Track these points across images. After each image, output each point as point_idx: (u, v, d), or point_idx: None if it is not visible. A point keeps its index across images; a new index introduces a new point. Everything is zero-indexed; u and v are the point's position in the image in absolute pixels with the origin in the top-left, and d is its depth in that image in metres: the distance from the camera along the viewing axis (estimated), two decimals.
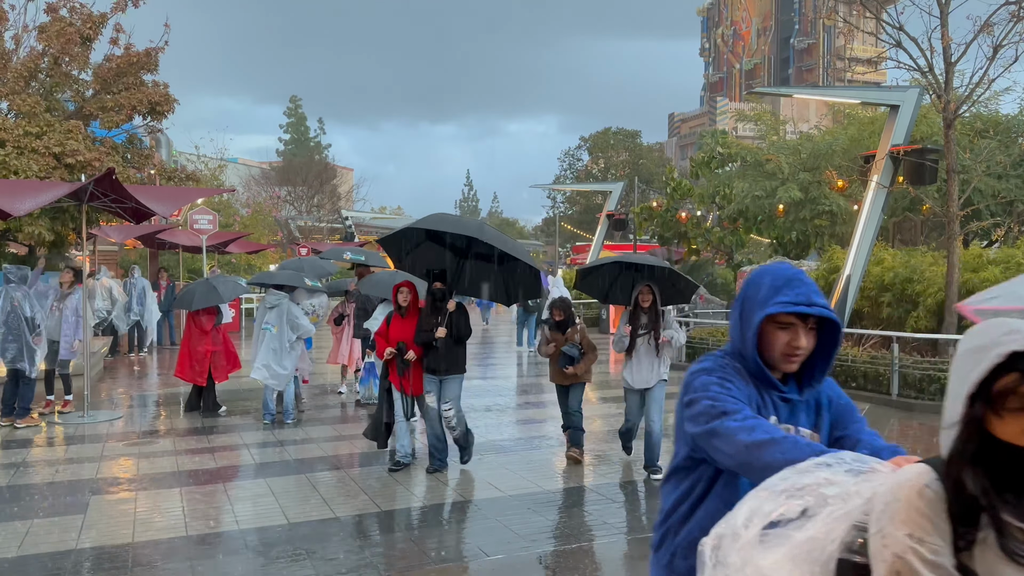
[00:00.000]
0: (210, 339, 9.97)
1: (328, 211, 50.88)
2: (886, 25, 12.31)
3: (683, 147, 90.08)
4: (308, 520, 5.87)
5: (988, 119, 21.48)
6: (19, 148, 14.93)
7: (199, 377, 9.93)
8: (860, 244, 13.70)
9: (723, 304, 22.75)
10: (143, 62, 18.31)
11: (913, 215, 22.39)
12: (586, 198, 69.79)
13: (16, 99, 16.40)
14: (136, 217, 11.07)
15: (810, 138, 26.13)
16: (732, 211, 27.01)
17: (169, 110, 18.46)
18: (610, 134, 75.17)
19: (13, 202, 9.37)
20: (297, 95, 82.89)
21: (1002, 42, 11.48)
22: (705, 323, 17.46)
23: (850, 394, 12.01)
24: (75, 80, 18.39)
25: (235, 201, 42.75)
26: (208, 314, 9.98)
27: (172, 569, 4.93)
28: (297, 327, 9.44)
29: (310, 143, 78.88)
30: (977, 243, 21.39)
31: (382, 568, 4.97)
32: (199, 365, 9.89)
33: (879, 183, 13.63)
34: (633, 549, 5.35)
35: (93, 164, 15.28)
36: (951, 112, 11.94)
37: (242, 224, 36.79)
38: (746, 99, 69.15)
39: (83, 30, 17.69)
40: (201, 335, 9.90)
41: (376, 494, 6.58)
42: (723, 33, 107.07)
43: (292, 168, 56.15)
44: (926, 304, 12.57)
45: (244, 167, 56.37)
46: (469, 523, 5.88)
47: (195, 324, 9.93)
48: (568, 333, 7.75)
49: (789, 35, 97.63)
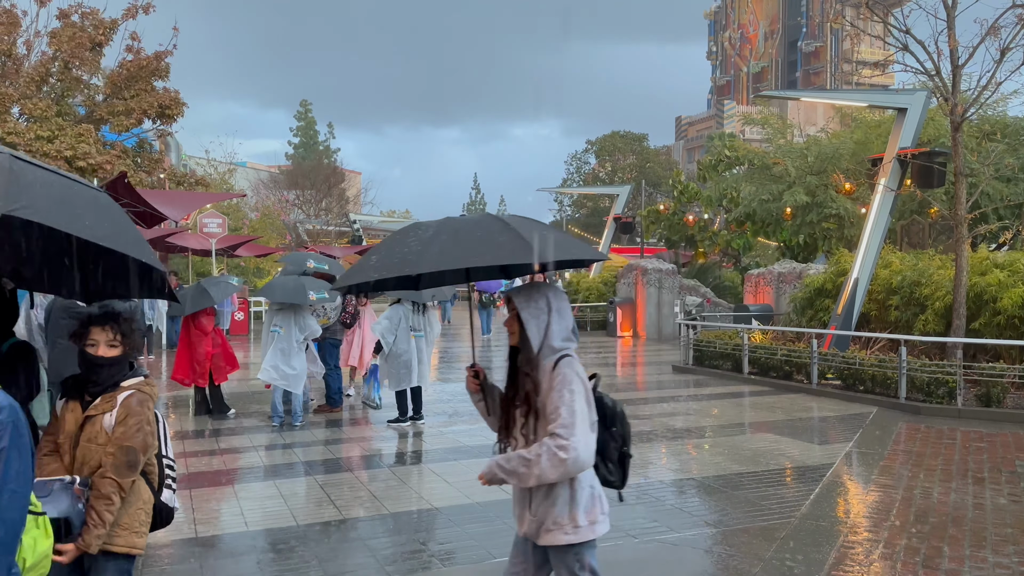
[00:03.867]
0: (210, 341, 10.01)
1: (336, 215, 51.03)
2: (893, 28, 12.29)
3: (690, 150, 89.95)
4: (317, 522, 5.91)
5: (996, 122, 21.40)
6: (30, 152, 15.06)
7: (200, 378, 9.99)
8: (868, 247, 13.68)
9: (730, 307, 22.74)
10: (153, 67, 18.46)
11: (921, 218, 22.33)
12: (593, 201, 69.84)
13: (28, 103, 16.55)
14: (147, 221, 11.16)
15: (817, 141, 26.08)
16: (739, 214, 26.97)
17: (179, 113, 18.61)
18: (617, 137, 75.20)
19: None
20: (307, 100, 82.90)
21: (1009, 45, 11.46)
22: (711, 326, 17.45)
23: (858, 397, 12.01)
24: (86, 85, 18.54)
25: (244, 205, 42.96)
26: (207, 315, 10.01)
27: (181, 570, 4.97)
28: (304, 327, 9.50)
29: (319, 147, 79.19)
30: (985, 246, 21.31)
31: (389, 570, 5.00)
32: (200, 367, 9.94)
33: (886, 186, 13.62)
34: (640, 551, 5.37)
35: (104, 168, 15.41)
36: (958, 115, 11.92)
37: (251, 227, 36.96)
38: (753, 102, 69.05)
39: (94, 36, 17.84)
40: (201, 337, 9.95)
41: (384, 496, 6.61)
42: (730, 36, 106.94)
43: (301, 172, 56.35)
44: (934, 307, 12.54)
45: (252, 171, 56.59)
46: (475, 525, 5.90)
47: (195, 326, 9.98)
48: None
49: (796, 38, 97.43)
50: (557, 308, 2.96)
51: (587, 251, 3.32)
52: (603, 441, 3.04)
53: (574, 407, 2.80)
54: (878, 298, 14.01)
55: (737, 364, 14.19)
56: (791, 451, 8.34)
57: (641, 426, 9.70)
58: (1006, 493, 6.68)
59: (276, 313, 9.51)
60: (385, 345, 9.32)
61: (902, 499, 6.50)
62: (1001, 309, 11.62)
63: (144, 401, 2.96)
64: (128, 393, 2.94)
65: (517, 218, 3.05)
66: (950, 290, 12.17)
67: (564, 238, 3.16)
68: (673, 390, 13.05)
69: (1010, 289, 11.71)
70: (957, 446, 8.56)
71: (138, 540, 2.94)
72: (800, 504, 6.36)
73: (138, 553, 2.96)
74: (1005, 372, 10.53)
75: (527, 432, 2.97)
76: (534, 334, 2.91)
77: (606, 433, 3.07)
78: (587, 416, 2.85)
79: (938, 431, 9.37)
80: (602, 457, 3.06)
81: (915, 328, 12.67)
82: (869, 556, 5.19)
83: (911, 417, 10.23)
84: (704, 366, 15.03)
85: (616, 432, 3.10)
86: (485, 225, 3.00)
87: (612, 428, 3.09)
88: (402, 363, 9.38)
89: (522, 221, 3.03)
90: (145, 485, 3.00)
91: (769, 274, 20.87)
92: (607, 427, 3.08)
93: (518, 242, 2.85)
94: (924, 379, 10.77)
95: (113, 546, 2.85)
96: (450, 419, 10.18)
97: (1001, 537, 5.56)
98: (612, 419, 3.09)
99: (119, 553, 2.88)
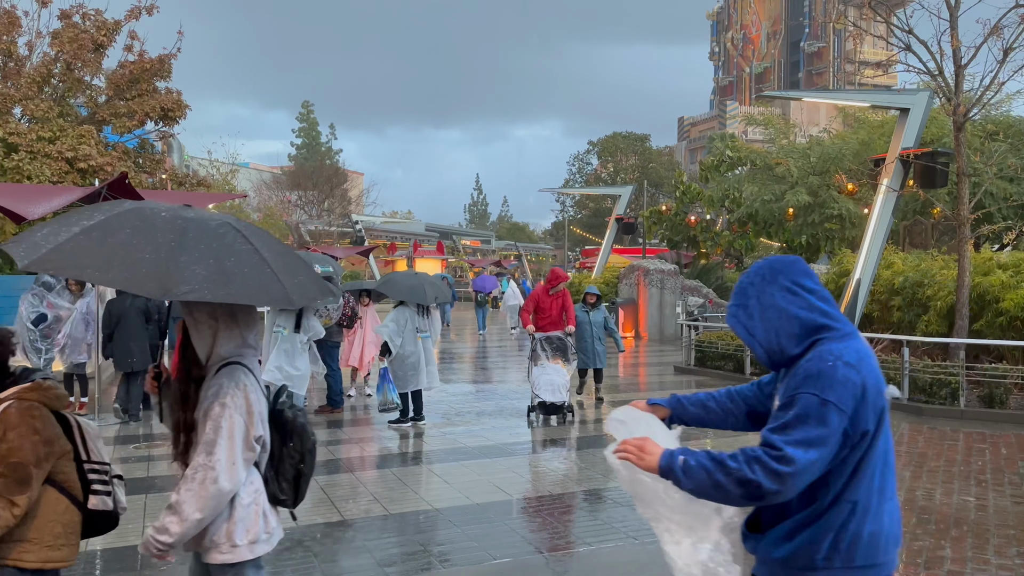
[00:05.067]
0: None
1: (339, 215, 51.04)
2: (896, 29, 12.27)
3: (692, 151, 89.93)
4: (316, 523, 5.90)
5: (999, 122, 21.38)
6: (32, 153, 15.08)
7: None
8: (870, 248, 13.65)
9: None
10: (156, 69, 18.47)
11: (924, 218, 22.30)
12: (595, 202, 69.84)
13: (30, 104, 16.57)
14: None
15: (820, 142, 26.07)
16: (741, 215, 26.96)
17: (181, 115, 18.62)
18: (619, 138, 75.20)
19: (26, 206, 9.46)
20: (309, 101, 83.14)
21: (1012, 45, 11.43)
22: (714, 327, 17.42)
23: None
24: (88, 86, 18.55)
25: (246, 205, 42.99)
26: None
27: (181, 570, 4.96)
28: (307, 328, 9.49)
29: (321, 148, 79.30)
30: (988, 246, 21.27)
31: (389, 571, 4.99)
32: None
33: (889, 187, 13.59)
34: (642, 554, 5.34)
35: (105, 168, 15.41)
36: (961, 115, 11.89)
37: None
38: (756, 103, 68.99)
39: (96, 37, 17.85)
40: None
41: (384, 497, 6.60)
42: (732, 37, 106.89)
43: (303, 173, 56.37)
44: (937, 308, 12.50)
45: (255, 172, 56.64)
46: (476, 526, 5.89)
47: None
48: None
49: (799, 39, 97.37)
50: (230, 313, 2.72)
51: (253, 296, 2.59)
52: (279, 457, 2.85)
53: (220, 424, 2.60)
54: (880, 299, 13.97)
55: (739, 365, 14.16)
56: None
57: None
58: (1009, 494, 6.65)
59: (279, 314, 9.51)
60: (393, 347, 9.31)
61: (904, 500, 6.47)
62: (1004, 310, 11.59)
63: (28, 409, 2.71)
64: (6, 405, 2.70)
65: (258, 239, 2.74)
66: (953, 291, 12.13)
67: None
68: (675, 391, 12.99)
69: (1013, 290, 11.67)
70: (960, 447, 8.54)
71: (55, 554, 2.77)
72: None
73: (59, 567, 2.80)
74: (1008, 373, 10.50)
75: (189, 447, 2.74)
76: (199, 342, 2.72)
77: (284, 448, 2.86)
78: (239, 434, 2.63)
79: (941, 432, 9.34)
80: (276, 474, 2.86)
81: (918, 329, 12.63)
82: None
83: (914, 418, 10.20)
84: (706, 367, 15.00)
85: (294, 448, 2.88)
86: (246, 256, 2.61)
87: (290, 443, 2.88)
88: (409, 364, 9.38)
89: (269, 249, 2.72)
90: (58, 495, 2.79)
91: None
92: (284, 442, 2.87)
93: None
94: (927, 380, 10.74)
95: (22, 562, 2.70)
96: (451, 420, 10.17)
97: (1004, 539, 5.54)
98: (291, 434, 2.87)
99: (30, 569, 2.71)
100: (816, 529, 2.12)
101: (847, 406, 2.05)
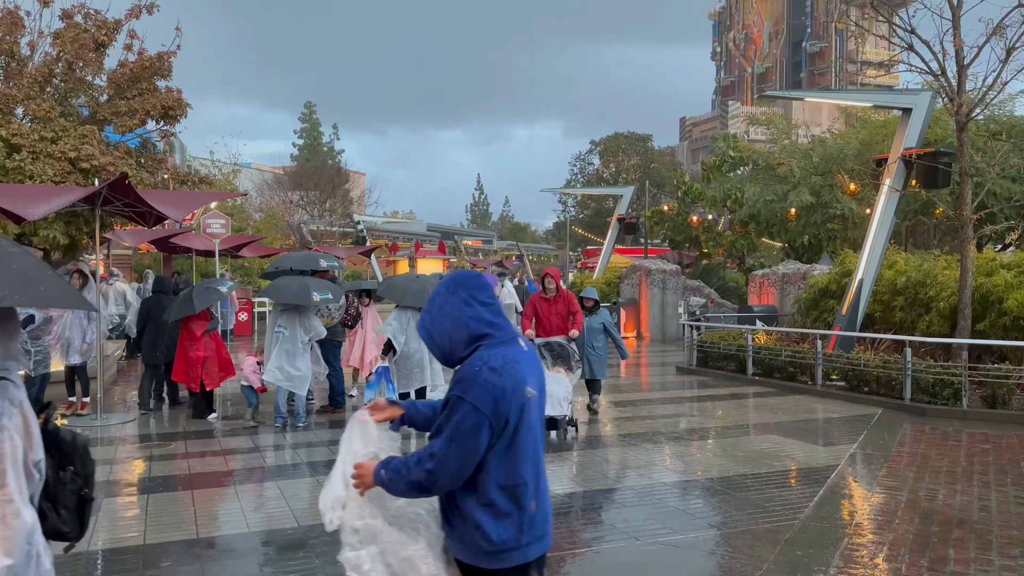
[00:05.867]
0: (201, 345, 9.97)
1: (340, 215, 51.05)
2: (898, 28, 12.25)
3: (694, 151, 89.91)
4: (318, 523, 5.88)
5: (1002, 121, 21.34)
6: (34, 153, 15.08)
7: (192, 383, 9.99)
8: (872, 248, 13.63)
9: (734, 308, 22.69)
10: (156, 67, 18.46)
11: (926, 219, 22.27)
12: (597, 202, 69.80)
13: (31, 104, 16.57)
14: (148, 221, 11.17)
15: (822, 142, 26.02)
16: (743, 215, 26.93)
17: (182, 114, 18.60)
18: (621, 138, 75.17)
19: (28, 206, 9.47)
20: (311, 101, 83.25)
21: (1015, 45, 11.40)
22: (716, 327, 17.40)
23: (862, 398, 11.93)
24: (89, 85, 18.55)
25: (248, 205, 43.00)
26: (197, 321, 10.00)
27: (183, 571, 4.96)
28: (309, 328, 9.48)
29: (323, 148, 79.36)
30: (991, 247, 21.24)
31: None
32: (192, 371, 9.94)
33: (891, 187, 13.56)
34: (642, 553, 5.33)
35: (107, 168, 15.41)
36: (964, 115, 11.86)
37: (255, 228, 36.99)
38: (758, 103, 68.95)
39: (97, 36, 17.85)
40: (192, 341, 9.95)
41: None
42: (735, 37, 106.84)
43: (305, 173, 56.41)
44: (939, 308, 12.48)
45: (257, 172, 56.68)
46: None
47: (186, 331, 10.01)
48: None
49: (801, 39, 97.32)
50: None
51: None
52: (56, 484, 2.48)
53: (3, 449, 2.16)
54: (883, 299, 13.95)
55: (741, 365, 14.15)
56: (795, 453, 8.30)
57: (645, 427, 9.67)
58: (1012, 495, 6.64)
59: (280, 314, 9.50)
60: (397, 346, 9.30)
61: (907, 501, 6.46)
62: (1007, 310, 11.56)
63: None
64: None
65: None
66: (955, 291, 12.11)
67: None
68: (677, 391, 13.01)
69: (1016, 290, 11.65)
70: (962, 448, 8.52)
71: None
72: (804, 506, 6.32)
73: None
74: (1011, 373, 10.48)
75: None
76: None
77: (62, 474, 2.51)
78: (21, 459, 2.21)
79: (943, 433, 9.32)
80: (54, 505, 2.48)
81: (920, 329, 12.61)
82: (873, 558, 5.16)
83: (916, 418, 10.18)
84: (708, 367, 14.99)
85: (75, 472, 2.55)
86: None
87: (69, 467, 2.54)
88: (414, 363, 9.35)
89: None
90: None
91: (773, 275, 20.82)
92: (62, 467, 2.52)
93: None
94: (929, 380, 10.72)
95: None
96: None
97: (1007, 539, 5.52)
98: (70, 457, 2.54)
99: None
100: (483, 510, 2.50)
101: (487, 407, 2.41)
